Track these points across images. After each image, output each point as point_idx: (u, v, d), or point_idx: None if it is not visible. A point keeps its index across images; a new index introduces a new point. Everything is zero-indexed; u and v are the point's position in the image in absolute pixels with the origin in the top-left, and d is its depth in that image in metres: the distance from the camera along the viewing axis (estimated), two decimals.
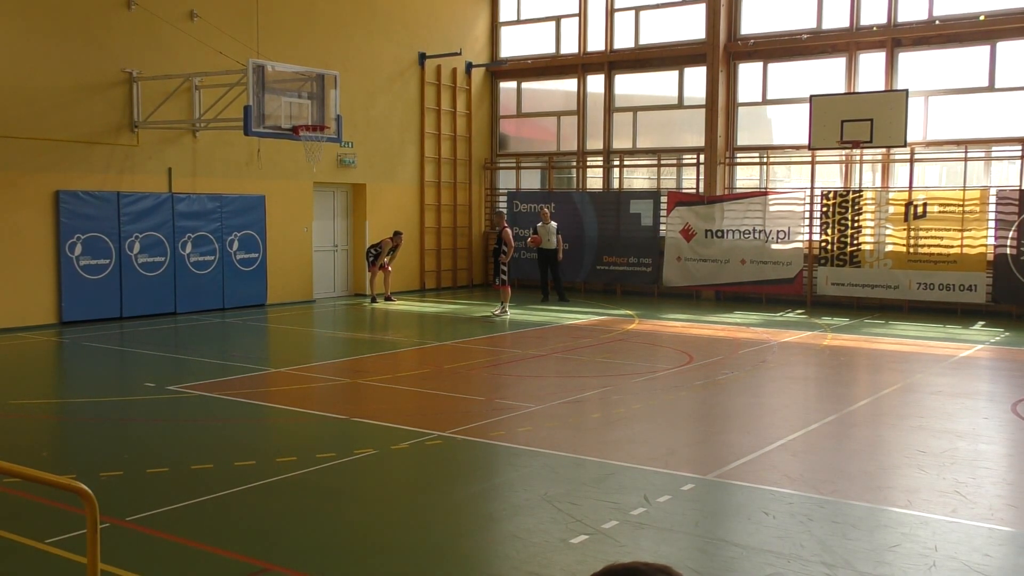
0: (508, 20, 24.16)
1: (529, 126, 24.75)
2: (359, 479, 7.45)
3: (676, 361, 12.83)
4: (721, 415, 9.95)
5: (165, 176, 17.47)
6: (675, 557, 5.66)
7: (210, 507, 6.62)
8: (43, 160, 15.64)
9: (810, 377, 12.33)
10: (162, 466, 7.57)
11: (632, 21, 22.32)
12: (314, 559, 5.66)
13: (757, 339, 14.97)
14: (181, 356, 13.42)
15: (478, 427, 8.97)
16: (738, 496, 6.97)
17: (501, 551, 5.96)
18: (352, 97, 19.69)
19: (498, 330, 16.21)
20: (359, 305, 19.83)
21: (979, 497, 6.85)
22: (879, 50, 19.30)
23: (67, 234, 15.84)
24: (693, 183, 21.42)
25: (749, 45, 20.58)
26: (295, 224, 19.71)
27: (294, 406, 9.95)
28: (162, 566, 5.60)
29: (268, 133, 16.24)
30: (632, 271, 21.82)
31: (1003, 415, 9.68)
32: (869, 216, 18.92)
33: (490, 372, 12.38)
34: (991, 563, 5.62)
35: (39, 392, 11.18)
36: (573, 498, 6.75)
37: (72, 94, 15.99)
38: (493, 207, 24.15)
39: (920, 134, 18.88)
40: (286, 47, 18.65)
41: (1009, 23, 17.96)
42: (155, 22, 16.87)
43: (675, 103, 21.96)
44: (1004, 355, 13.78)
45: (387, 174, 21.73)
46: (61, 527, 6.02)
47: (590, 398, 10.43)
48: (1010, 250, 17.57)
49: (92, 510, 3.85)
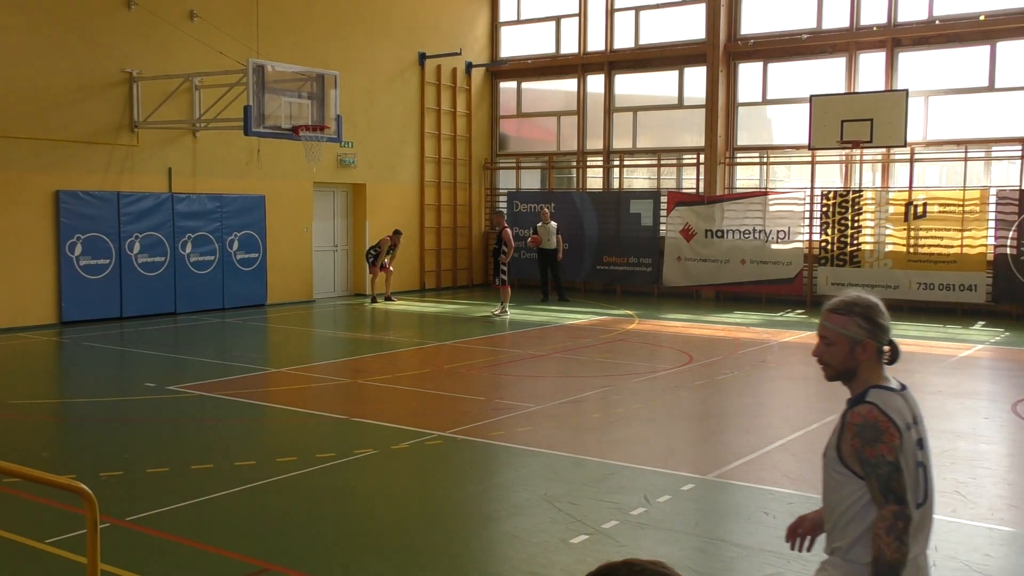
0: (508, 20, 24.16)
1: (529, 126, 24.75)
2: (359, 479, 7.44)
3: (676, 361, 12.84)
4: (721, 415, 9.95)
5: (165, 176, 17.47)
6: (675, 557, 5.66)
7: (210, 507, 6.62)
8: (43, 160, 15.64)
9: (810, 377, 12.31)
10: (162, 466, 7.57)
11: (632, 21, 22.32)
12: (314, 559, 5.66)
13: (757, 339, 14.97)
14: (181, 356, 13.42)
15: (478, 427, 8.97)
16: (738, 496, 6.97)
17: (501, 551, 5.96)
18: (352, 97, 19.69)
19: (498, 330, 16.21)
20: (359, 305, 19.83)
21: (979, 497, 6.85)
22: (879, 50, 19.30)
23: (67, 234, 15.84)
24: (693, 183, 21.42)
25: (749, 45, 20.58)
26: (295, 224, 19.71)
27: (294, 406, 9.95)
28: (162, 566, 5.60)
29: (268, 133, 16.24)
30: (632, 271, 21.82)
31: (1003, 415, 9.68)
32: (869, 216, 18.92)
33: (490, 372, 12.38)
34: (991, 563, 5.62)
35: (39, 392, 11.18)
36: (573, 498, 6.75)
37: (72, 94, 15.99)
38: (493, 207, 24.15)
39: (920, 134, 18.88)
40: (286, 47, 18.64)
41: (1009, 23, 17.96)
42: (155, 22, 16.87)
43: (675, 103, 21.96)
44: (1004, 355, 13.78)
45: (387, 174, 21.73)
46: (61, 527, 6.02)
47: (590, 398, 10.43)
48: (1010, 250, 17.57)
49: (92, 510, 3.85)
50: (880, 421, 3.04)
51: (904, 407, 3.13)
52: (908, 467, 3.05)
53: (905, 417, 3.10)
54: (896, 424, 3.05)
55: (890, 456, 3.00)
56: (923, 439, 3.16)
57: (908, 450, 3.07)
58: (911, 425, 3.12)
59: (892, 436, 3.03)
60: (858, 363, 3.18)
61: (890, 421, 3.05)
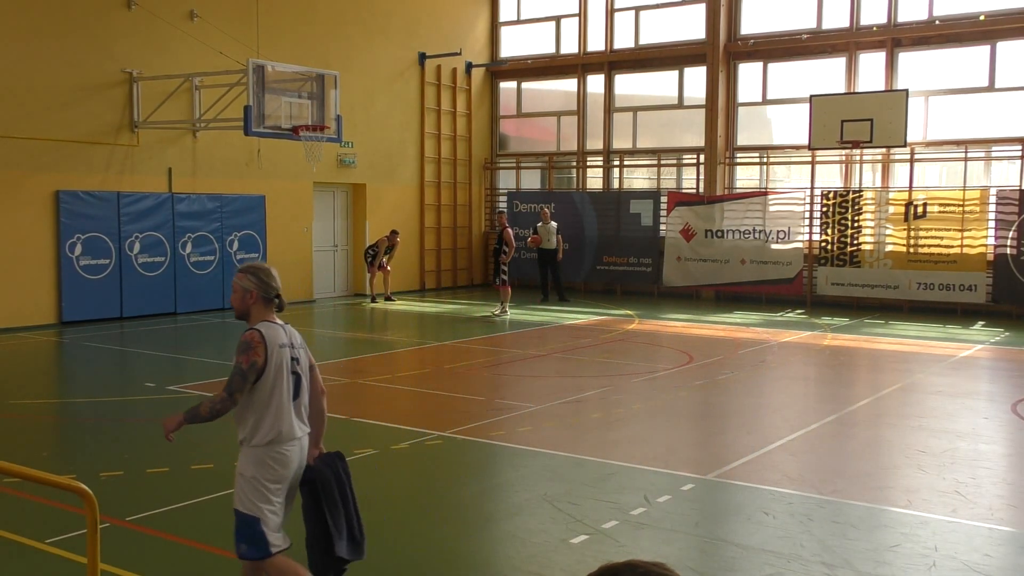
0: (508, 20, 24.17)
1: (529, 126, 24.75)
2: (359, 479, 7.39)
3: (676, 361, 12.83)
4: (721, 415, 9.95)
5: (165, 176, 17.47)
6: (675, 557, 5.66)
7: (210, 507, 6.62)
8: (43, 160, 15.64)
9: (810, 377, 12.34)
10: (162, 466, 7.57)
11: (632, 21, 22.32)
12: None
13: (757, 339, 14.97)
14: (181, 356, 13.42)
15: (478, 427, 8.97)
16: (738, 496, 6.96)
17: (501, 551, 5.96)
18: (352, 97, 19.69)
19: (498, 330, 16.21)
20: (359, 305, 19.83)
21: (979, 497, 6.85)
22: (879, 50, 19.30)
23: (67, 234, 15.84)
24: (693, 183, 21.42)
25: (749, 45, 20.58)
26: (295, 224, 19.72)
27: None
28: (162, 566, 5.60)
29: (268, 133, 16.24)
30: (632, 271, 21.82)
31: (1003, 415, 9.68)
32: (869, 216, 18.92)
33: (490, 372, 12.38)
34: (991, 563, 5.61)
35: (39, 392, 11.18)
36: (573, 498, 6.75)
37: (72, 94, 16.00)
38: (493, 207, 24.16)
39: (920, 134, 18.88)
40: (286, 47, 18.65)
41: (1009, 23, 17.96)
42: (155, 22, 16.87)
43: (675, 103, 21.96)
44: (1004, 355, 13.78)
45: (387, 174, 21.73)
46: (61, 527, 6.02)
47: (590, 398, 10.43)
48: (1010, 250, 17.57)
49: (92, 510, 3.85)
50: (254, 341, 4.43)
51: (283, 334, 4.56)
52: (280, 372, 4.46)
53: (281, 340, 4.51)
54: (267, 345, 4.43)
55: (244, 365, 4.38)
56: (297, 358, 4.58)
57: (280, 360, 4.48)
58: (285, 346, 4.52)
59: (257, 354, 4.40)
60: (249, 307, 4.57)
61: (263, 342, 4.43)
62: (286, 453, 4.48)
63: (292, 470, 4.54)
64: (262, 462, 4.44)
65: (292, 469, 4.54)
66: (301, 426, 4.58)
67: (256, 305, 4.56)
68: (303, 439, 4.60)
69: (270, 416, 4.44)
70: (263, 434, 4.43)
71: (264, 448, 4.44)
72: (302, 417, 4.60)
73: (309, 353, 4.74)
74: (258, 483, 4.44)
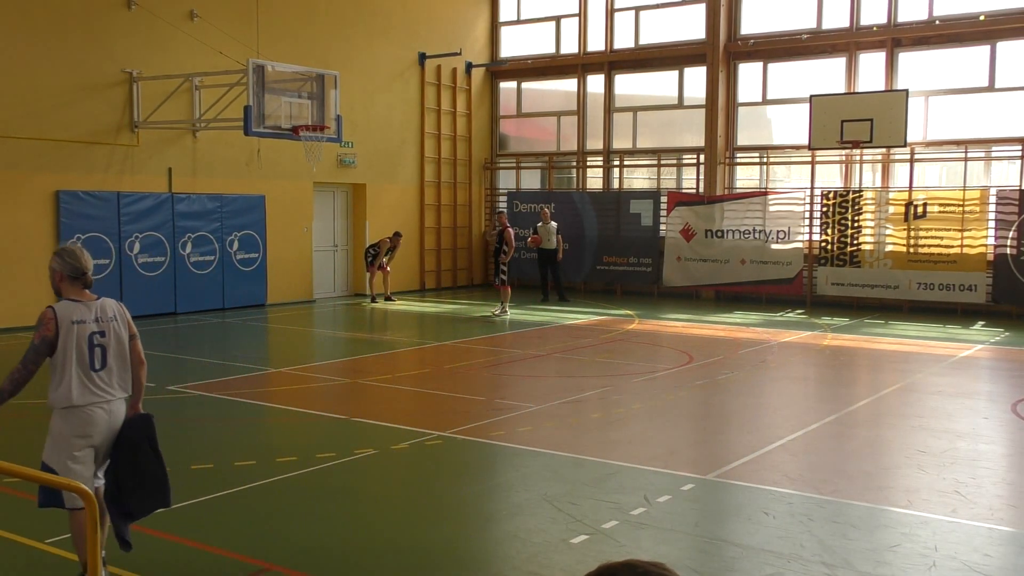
0: (508, 20, 24.17)
1: (529, 126, 24.75)
2: (359, 479, 7.45)
3: (676, 361, 12.84)
4: (721, 415, 9.95)
5: (165, 176, 17.47)
6: (675, 557, 5.66)
7: (210, 507, 6.62)
8: (43, 160, 15.64)
9: (810, 377, 12.34)
10: None
11: (632, 21, 22.33)
12: (314, 559, 5.66)
13: (757, 339, 14.97)
14: (181, 356, 13.41)
15: (478, 427, 8.97)
16: (738, 496, 6.97)
17: (501, 551, 5.96)
18: (352, 97, 19.69)
19: (498, 330, 16.21)
20: (359, 305, 19.83)
21: (979, 497, 6.84)
22: (879, 50, 19.30)
23: (67, 234, 15.83)
24: (693, 183, 21.42)
25: (749, 45, 20.58)
26: (295, 224, 19.72)
27: (294, 406, 9.95)
28: (162, 566, 5.60)
29: (268, 133, 16.24)
30: (632, 271, 21.82)
31: (1003, 415, 9.68)
32: (869, 216, 18.92)
33: (490, 372, 12.38)
34: (991, 563, 5.61)
35: (39, 392, 11.15)
36: (573, 498, 6.75)
37: (72, 94, 16.00)
38: (493, 207, 24.16)
39: (920, 134, 18.88)
40: (286, 47, 18.65)
41: (1009, 23, 17.96)
42: (155, 22, 16.88)
43: (675, 103, 21.97)
44: (1004, 355, 13.78)
45: (387, 174, 21.73)
46: (61, 527, 6.01)
47: (590, 398, 10.43)
48: (1010, 250, 17.57)
49: (92, 510, 3.85)
50: (46, 318, 4.95)
51: (84, 310, 5.02)
52: (73, 345, 4.94)
53: (76, 316, 4.97)
54: (58, 321, 4.93)
55: (36, 340, 4.95)
56: (105, 331, 5.04)
57: (74, 335, 4.95)
58: (82, 321, 4.98)
59: (48, 329, 4.93)
60: (59, 285, 5.05)
61: (54, 318, 4.93)
62: (87, 415, 5.00)
63: (97, 430, 5.04)
64: (64, 422, 5.02)
65: (97, 429, 5.04)
66: (110, 391, 5.08)
67: (64, 283, 5.06)
68: (113, 403, 5.11)
69: (64, 384, 4.98)
70: (60, 399, 5.01)
71: (63, 411, 5.02)
72: (111, 383, 5.09)
73: (129, 325, 5.21)
74: (61, 439, 5.02)
